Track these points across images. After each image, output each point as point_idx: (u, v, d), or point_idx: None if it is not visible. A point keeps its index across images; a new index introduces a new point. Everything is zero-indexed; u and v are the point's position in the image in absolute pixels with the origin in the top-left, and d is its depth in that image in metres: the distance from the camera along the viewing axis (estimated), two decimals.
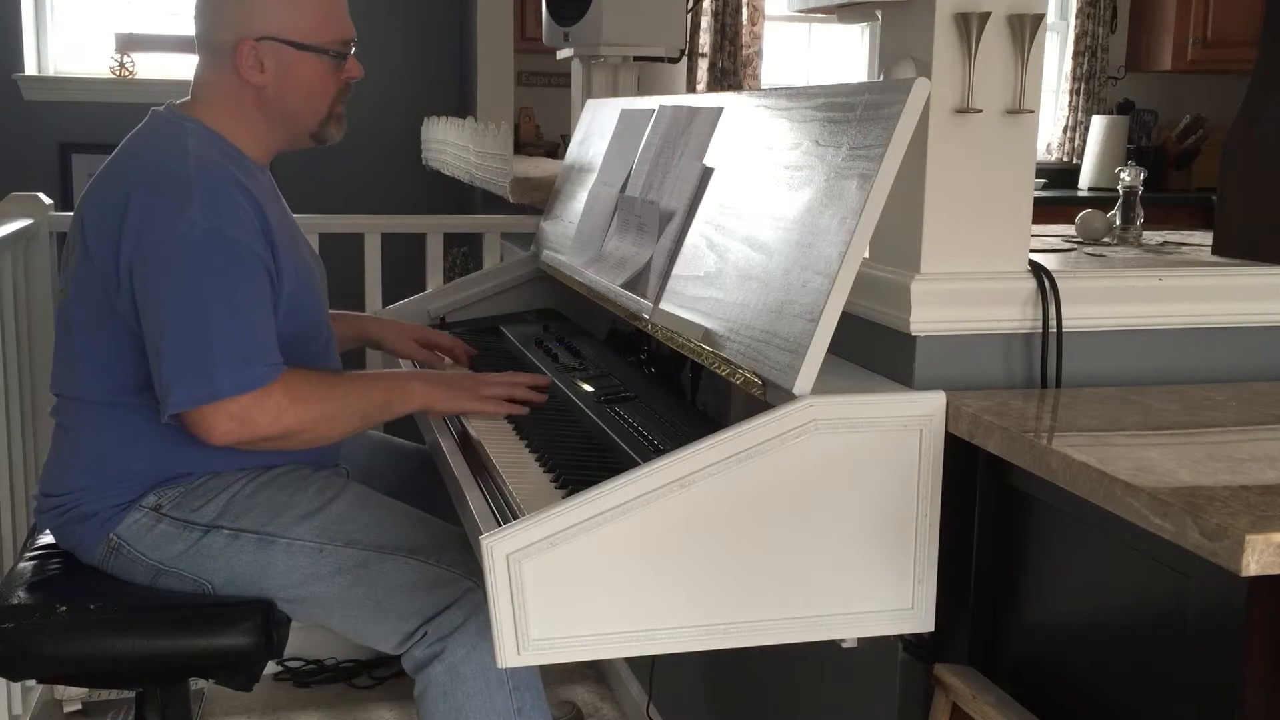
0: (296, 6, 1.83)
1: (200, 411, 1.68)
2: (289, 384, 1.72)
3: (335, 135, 1.93)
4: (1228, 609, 1.11)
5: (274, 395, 1.69)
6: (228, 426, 1.68)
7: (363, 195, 4.83)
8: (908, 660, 1.54)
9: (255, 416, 1.69)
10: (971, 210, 1.47)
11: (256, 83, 1.82)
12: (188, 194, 1.71)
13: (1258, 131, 1.66)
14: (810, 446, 1.36)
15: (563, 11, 3.02)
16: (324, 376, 1.82)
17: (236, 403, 1.67)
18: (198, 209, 1.70)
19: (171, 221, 1.69)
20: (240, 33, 1.81)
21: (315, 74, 1.85)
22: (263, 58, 1.81)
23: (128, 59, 4.80)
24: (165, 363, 1.68)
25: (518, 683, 1.71)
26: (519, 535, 1.30)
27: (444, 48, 5.05)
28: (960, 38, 1.43)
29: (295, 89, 1.84)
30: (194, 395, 1.67)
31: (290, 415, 1.71)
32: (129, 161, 1.80)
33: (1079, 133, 5.63)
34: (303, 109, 1.87)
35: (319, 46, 1.84)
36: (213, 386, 1.67)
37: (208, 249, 1.69)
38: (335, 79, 1.88)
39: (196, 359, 1.67)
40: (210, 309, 1.68)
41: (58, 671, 1.88)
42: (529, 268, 2.58)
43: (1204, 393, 1.46)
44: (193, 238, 1.69)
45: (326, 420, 1.77)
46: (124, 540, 1.80)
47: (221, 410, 1.67)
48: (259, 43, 1.81)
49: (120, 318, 1.75)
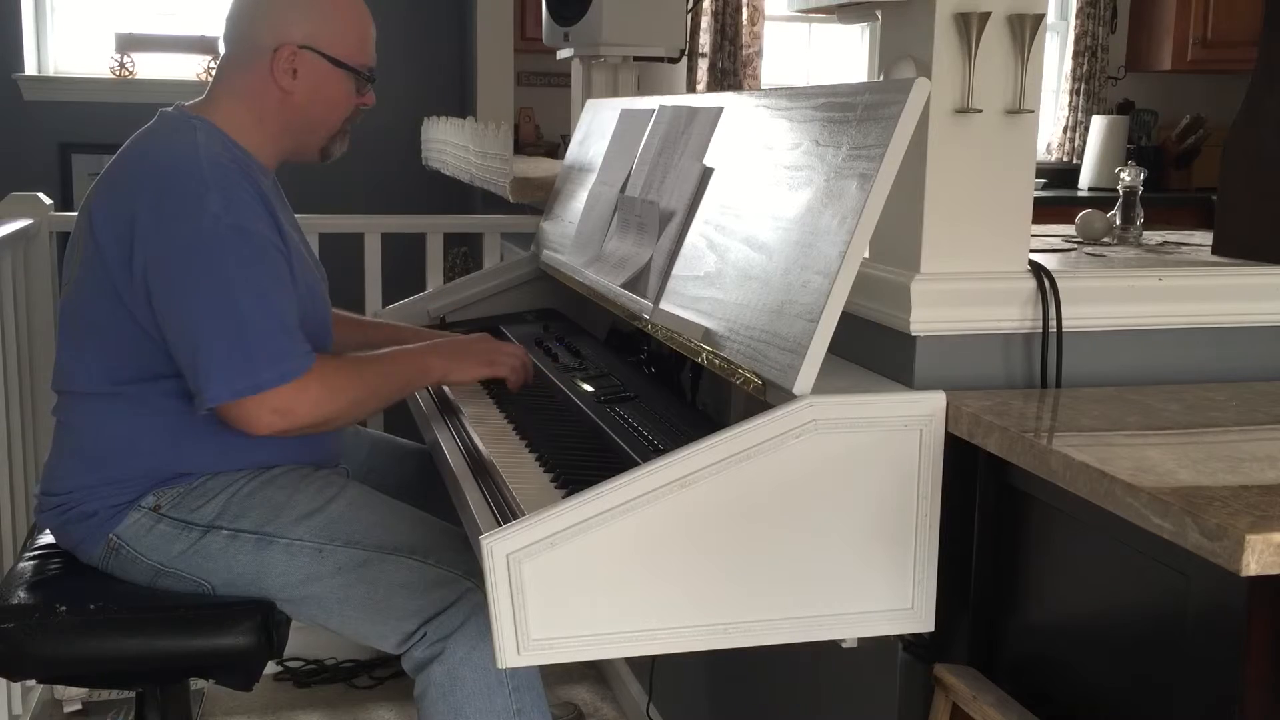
0: (342, 25, 1.88)
1: (242, 404, 1.69)
2: (323, 373, 1.75)
3: (339, 152, 1.98)
4: (1228, 609, 1.11)
5: (312, 385, 1.72)
6: (270, 419, 1.70)
7: (363, 195, 4.83)
8: (908, 660, 1.54)
9: (296, 407, 1.71)
10: (971, 210, 1.47)
11: (286, 87, 1.85)
12: (204, 189, 1.73)
13: (1258, 131, 1.66)
14: (810, 446, 1.36)
15: (563, 11, 3.02)
16: (352, 362, 1.88)
17: (278, 394, 1.69)
18: (217, 203, 1.72)
19: (193, 217, 1.71)
20: (284, 37, 1.84)
21: (340, 92, 1.90)
22: (298, 65, 1.84)
23: (128, 59, 4.80)
24: (203, 356, 1.69)
25: (518, 683, 1.71)
26: (519, 535, 1.30)
27: (444, 48, 5.05)
28: (960, 38, 1.43)
29: (321, 102, 1.88)
30: (235, 388, 1.68)
31: (328, 403, 1.74)
32: (138, 160, 1.81)
33: (1079, 133, 5.63)
34: (320, 122, 1.91)
35: (352, 67, 1.89)
36: (255, 379, 1.68)
37: (234, 242, 1.71)
38: (353, 100, 1.92)
39: (235, 352, 1.68)
40: (243, 302, 1.70)
41: (58, 671, 1.88)
42: (529, 268, 2.58)
43: (1204, 393, 1.46)
44: (216, 232, 1.70)
45: (359, 405, 1.82)
46: (124, 540, 1.80)
47: (264, 402, 1.69)
48: (300, 50, 1.84)
49: (128, 311, 1.76)
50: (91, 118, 4.67)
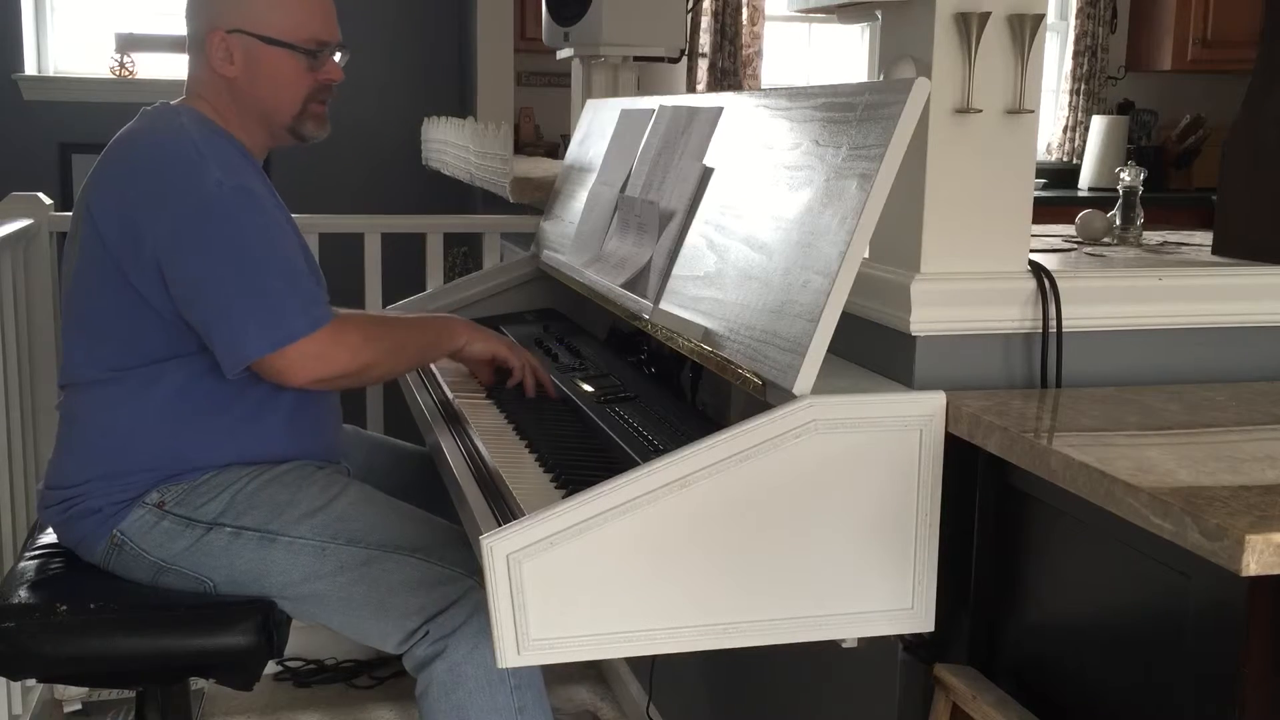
0: (268, 3, 1.87)
1: (282, 354, 1.70)
2: (358, 321, 1.79)
3: (316, 133, 1.94)
4: (1228, 609, 1.11)
5: (349, 330, 1.76)
6: (312, 365, 1.72)
7: (363, 195, 4.84)
8: (908, 660, 1.54)
9: (335, 353, 1.73)
10: (971, 210, 1.47)
11: (226, 74, 1.87)
12: (201, 159, 1.76)
13: (1258, 131, 1.66)
14: (810, 446, 1.36)
15: (563, 11, 3.02)
16: (377, 316, 1.94)
17: (314, 341, 1.71)
18: (217, 170, 1.74)
19: (195, 188, 1.73)
20: (213, 23, 1.86)
21: (284, 69, 1.88)
22: (232, 50, 1.86)
23: (128, 59, 4.80)
24: (234, 316, 1.70)
25: (519, 681, 1.71)
26: (519, 535, 1.30)
27: (444, 48, 5.05)
28: (960, 38, 1.43)
29: (263, 82, 1.88)
30: (271, 339, 1.70)
31: (366, 350, 1.77)
32: (128, 146, 1.84)
33: (1079, 133, 5.63)
34: (272, 103, 1.89)
35: (287, 43, 1.87)
36: (289, 328, 1.70)
37: (240, 202, 1.74)
38: (308, 77, 1.90)
39: (265, 306, 1.70)
40: (261, 257, 1.72)
41: (58, 671, 1.88)
42: (529, 268, 2.58)
43: (1204, 393, 1.46)
44: (221, 196, 1.73)
45: (393, 354, 1.85)
46: (127, 537, 1.80)
47: (303, 350, 1.71)
48: (229, 35, 1.85)
49: (136, 297, 1.77)
50: (91, 118, 4.66)
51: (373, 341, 1.80)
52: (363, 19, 4.94)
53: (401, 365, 1.92)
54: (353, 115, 4.89)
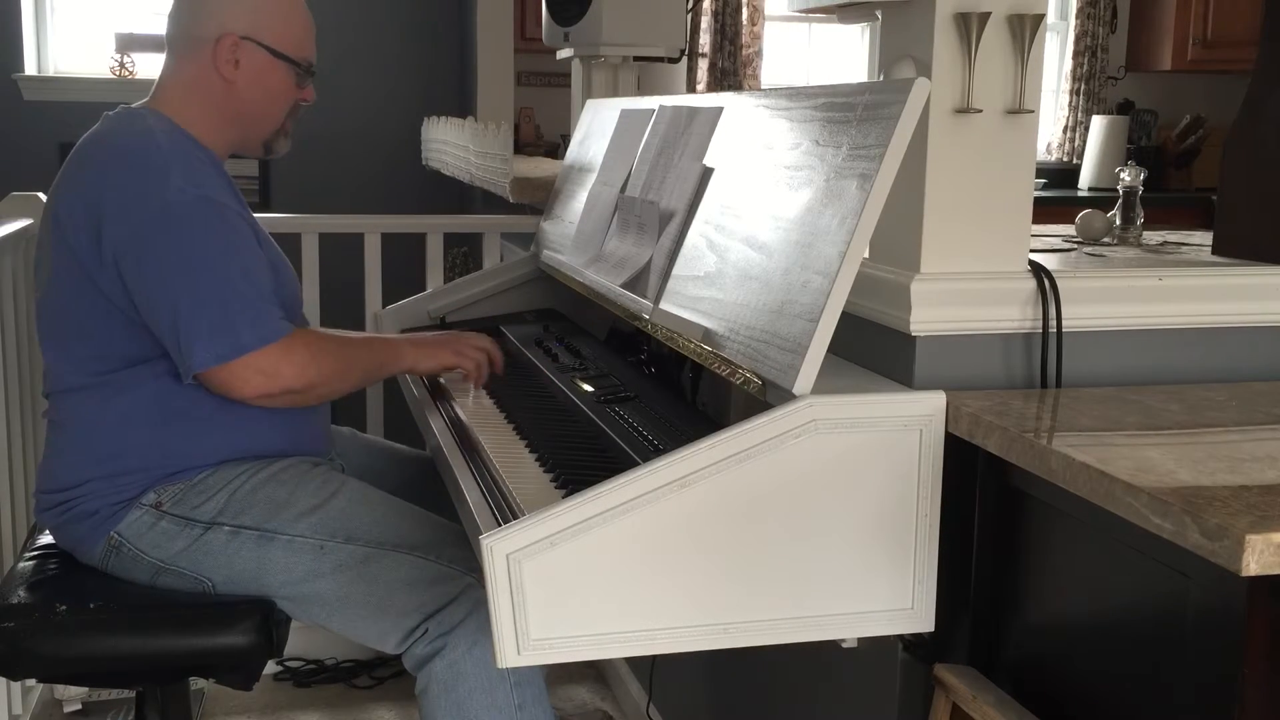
0: (283, 19, 1.92)
1: (228, 367, 1.72)
2: (306, 339, 1.80)
3: (283, 149, 2.01)
4: (1228, 609, 1.11)
5: (297, 348, 1.76)
6: (256, 380, 1.73)
7: (363, 195, 4.84)
8: (908, 660, 1.54)
9: (282, 369, 1.74)
10: (971, 210, 1.47)
11: (228, 77, 1.88)
12: (166, 165, 1.77)
13: (1258, 131, 1.66)
14: (810, 446, 1.36)
15: (563, 11, 3.02)
16: (331, 335, 1.93)
17: (264, 355, 1.73)
18: (180, 176, 1.76)
19: (158, 192, 1.74)
20: (226, 27, 1.87)
21: (281, 83, 1.93)
22: (240, 56, 1.88)
23: (128, 59, 4.80)
24: (184, 324, 1.71)
25: (519, 679, 1.71)
26: (519, 535, 1.30)
27: (444, 48, 5.05)
28: (960, 38, 1.43)
29: (262, 92, 1.91)
30: (218, 351, 1.71)
31: (313, 368, 1.78)
32: (93, 150, 1.85)
33: (1079, 133, 5.63)
34: (261, 114, 1.94)
35: (292, 59, 1.92)
36: (237, 341, 1.71)
37: (204, 212, 1.75)
38: (294, 93, 1.96)
39: (216, 317, 1.71)
40: (218, 268, 1.73)
41: (58, 671, 1.88)
42: (529, 268, 2.58)
43: (1204, 393, 1.46)
44: (184, 204, 1.74)
45: (340, 375, 1.85)
46: (125, 538, 1.80)
47: (249, 364, 1.72)
48: (241, 40, 1.88)
49: (104, 295, 1.77)
50: (91, 118, 4.59)
51: (320, 360, 1.80)
52: (363, 19, 4.95)
53: (347, 386, 1.91)
54: (353, 115, 4.90)
